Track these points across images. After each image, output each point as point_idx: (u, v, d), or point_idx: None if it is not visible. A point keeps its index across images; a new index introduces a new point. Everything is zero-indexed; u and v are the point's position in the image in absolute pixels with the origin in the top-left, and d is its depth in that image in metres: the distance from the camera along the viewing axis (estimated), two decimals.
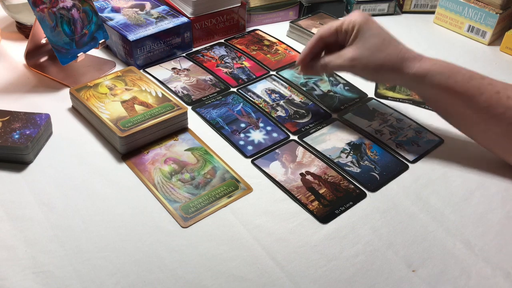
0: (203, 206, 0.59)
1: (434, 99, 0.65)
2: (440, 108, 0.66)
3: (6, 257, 0.52)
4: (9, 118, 0.66)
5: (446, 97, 0.63)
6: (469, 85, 0.61)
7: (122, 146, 0.65)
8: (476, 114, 0.62)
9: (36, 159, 0.64)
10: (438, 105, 0.66)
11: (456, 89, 0.61)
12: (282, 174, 0.64)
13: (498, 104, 0.60)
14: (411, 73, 0.63)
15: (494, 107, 0.60)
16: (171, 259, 0.53)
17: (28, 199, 0.59)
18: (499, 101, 0.60)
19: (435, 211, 0.60)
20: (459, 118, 0.65)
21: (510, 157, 0.64)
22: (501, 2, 0.91)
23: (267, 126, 0.72)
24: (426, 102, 0.67)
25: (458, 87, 0.61)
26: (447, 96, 0.62)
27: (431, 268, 0.53)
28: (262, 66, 0.85)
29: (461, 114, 0.63)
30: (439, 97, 0.64)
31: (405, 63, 0.63)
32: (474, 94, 0.60)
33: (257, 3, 0.96)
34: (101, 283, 0.50)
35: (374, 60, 0.64)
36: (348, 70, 0.67)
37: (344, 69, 0.67)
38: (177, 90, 0.78)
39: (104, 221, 0.57)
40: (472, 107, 0.61)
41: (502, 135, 0.61)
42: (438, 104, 0.65)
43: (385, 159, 0.67)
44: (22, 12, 0.87)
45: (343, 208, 0.60)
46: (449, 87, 0.61)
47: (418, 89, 0.65)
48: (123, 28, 0.82)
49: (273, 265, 0.53)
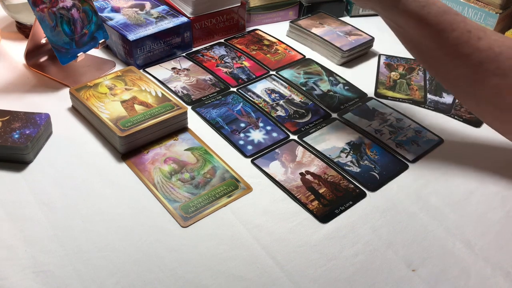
0: (203, 205, 0.59)
1: (405, 28, 0.62)
2: (409, 40, 0.64)
3: (6, 257, 0.52)
4: (9, 117, 0.66)
5: (417, 28, 0.60)
6: (442, 18, 0.59)
7: (122, 146, 0.65)
8: (443, 51, 0.60)
9: (36, 159, 0.64)
10: (407, 36, 0.63)
11: (428, 20, 0.59)
12: (282, 173, 0.64)
13: (468, 43, 0.58)
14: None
15: (462, 46, 0.58)
16: (171, 259, 0.53)
17: (28, 199, 0.59)
18: (469, 41, 0.58)
19: (435, 211, 0.60)
20: (426, 54, 0.63)
21: (471, 102, 0.62)
22: (501, 2, 0.91)
23: (267, 126, 0.72)
24: (396, 31, 0.65)
25: (431, 19, 0.59)
26: (418, 27, 0.60)
27: (431, 267, 0.53)
28: (262, 66, 0.85)
29: (429, 49, 0.61)
30: (410, 26, 0.61)
31: None
32: (446, 28, 0.59)
33: (257, 3, 0.96)
34: (101, 283, 0.50)
35: None
36: None
37: None
38: (177, 90, 0.79)
39: (104, 221, 0.57)
40: (441, 43, 0.59)
41: (465, 77, 0.60)
42: (408, 34, 0.63)
43: (385, 158, 0.67)
44: (22, 12, 0.87)
45: (342, 207, 0.60)
46: (422, 17, 0.59)
47: (389, 13, 0.62)
48: (123, 28, 0.82)
49: (272, 264, 0.53)
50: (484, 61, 0.57)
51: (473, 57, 0.58)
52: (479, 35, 0.58)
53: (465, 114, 0.76)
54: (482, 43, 0.57)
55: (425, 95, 0.80)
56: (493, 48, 0.57)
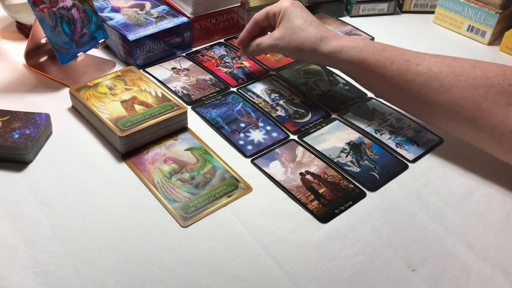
0: (203, 205, 0.59)
1: (352, 73, 0.70)
2: (359, 80, 0.71)
3: (6, 257, 0.52)
4: (9, 117, 0.66)
5: (361, 70, 0.67)
6: (381, 56, 0.65)
7: (122, 146, 0.65)
8: (390, 82, 0.65)
9: (36, 159, 0.64)
10: (357, 78, 0.70)
11: (368, 61, 0.65)
12: (281, 173, 0.64)
13: (408, 71, 0.63)
14: (327, 51, 0.67)
15: (404, 74, 0.63)
16: (171, 259, 0.53)
17: (28, 199, 0.59)
18: (409, 68, 0.63)
19: (435, 211, 0.60)
20: (377, 88, 0.70)
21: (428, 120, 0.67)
22: (501, 2, 0.91)
23: (267, 126, 0.72)
24: (351, 78, 0.72)
25: (370, 58, 0.65)
26: (362, 69, 0.66)
27: (431, 267, 0.53)
28: (262, 66, 0.85)
29: (378, 85, 0.68)
30: (355, 71, 0.68)
31: (323, 41, 0.68)
32: (385, 63, 0.64)
33: (257, 3, 0.96)
34: (101, 283, 0.50)
35: (296, 39, 0.69)
36: (276, 49, 0.73)
37: (273, 48, 0.73)
38: (177, 90, 0.79)
39: (104, 221, 0.57)
40: (385, 76, 0.65)
41: (415, 100, 0.64)
42: (357, 77, 0.70)
43: (385, 158, 0.67)
44: (22, 12, 0.87)
45: (342, 207, 0.60)
46: (362, 60, 0.66)
47: (335, 65, 0.70)
48: (123, 28, 0.82)
49: (272, 264, 0.53)
50: (427, 82, 0.62)
51: (416, 81, 0.63)
52: (417, 61, 0.63)
53: None
54: (421, 68, 0.63)
55: None
56: (432, 68, 0.62)
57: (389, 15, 1.04)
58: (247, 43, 0.77)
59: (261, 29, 0.77)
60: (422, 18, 1.04)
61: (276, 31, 0.72)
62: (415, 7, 1.05)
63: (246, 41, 0.77)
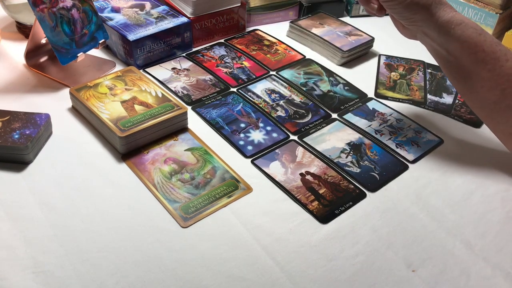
0: (203, 206, 0.59)
1: (458, 55, 0.62)
2: (459, 67, 0.63)
3: (6, 257, 0.52)
4: (9, 118, 0.66)
5: (471, 55, 0.60)
6: (497, 48, 0.59)
7: (122, 146, 0.65)
8: (496, 80, 0.59)
9: (36, 159, 0.64)
10: (459, 63, 0.62)
11: (484, 48, 0.60)
12: (282, 174, 0.64)
13: None
14: (445, 19, 0.61)
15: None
16: (171, 259, 0.53)
17: (28, 199, 0.59)
18: None
19: (435, 211, 0.60)
20: (475, 82, 0.61)
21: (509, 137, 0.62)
22: (501, 2, 0.91)
23: (267, 126, 0.72)
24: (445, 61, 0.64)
25: (487, 46, 0.59)
26: (474, 53, 0.60)
27: (431, 268, 0.53)
28: (262, 66, 0.85)
29: (480, 77, 0.61)
30: (464, 53, 0.61)
31: (442, 6, 0.62)
32: (501, 58, 0.59)
33: (257, 3, 0.96)
34: (101, 283, 0.50)
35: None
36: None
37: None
38: (177, 90, 0.79)
39: (104, 221, 0.57)
40: (495, 71, 0.59)
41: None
42: (460, 62, 0.62)
43: (385, 159, 0.67)
44: (22, 12, 0.87)
45: (343, 208, 0.60)
46: (478, 44, 0.60)
47: (445, 39, 0.62)
48: (123, 28, 0.82)
49: (273, 265, 0.53)
50: None
51: None
52: None
53: (465, 115, 0.76)
54: None
55: (425, 95, 0.80)
56: None
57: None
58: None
59: None
60: None
61: None
62: None
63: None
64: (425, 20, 0.63)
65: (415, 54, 0.89)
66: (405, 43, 0.73)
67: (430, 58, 0.88)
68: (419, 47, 0.70)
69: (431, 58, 0.88)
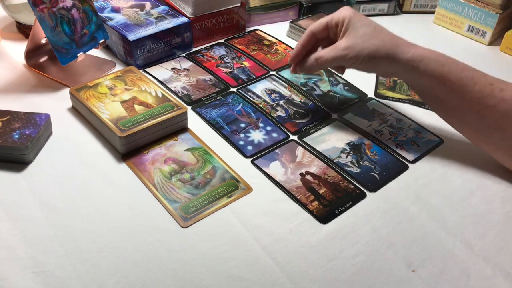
0: (203, 206, 0.59)
1: (427, 88, 0.64)
2: (432, 98, 0.65)
3: (6, 257, 0.52)
4: (9, 118, 0.66)
5: (439, 86, 0.62)
6: (463, 75, 0.61)
7: (122, 146, 0.65)
8: (469, 105, 0.61)
9: (36, 159, 0.64)
10: (431, 94, 0.65)
11: (450, 78, 0.61)
12: (282, 174, 0.64)
13: (491, 95, 0.59)
14: (406, 59, 0.62)
15: (487, 98, 0.60)
16: (171, 259, 0.53)
17: (28, 199, 0.59)
18: (492, 93, 0.59)
19: (435, 211, 0.60)
20: (451, 109, 0.64)
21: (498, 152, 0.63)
22: (501, 2, 0.91)
23: (267, 126, 0.72)
24: (418, 92, 0.67)
25: (452, 76, 0.61)
26: (441, 85, 0.62)
27: (431, 268, 0.53)
28: (262, 66, 0.85)
29: (454, 105, 0.63)
30: (433, 86, 0.63)
31: (400, 48, 0.63)
32: (468, 84, 0.60)
33: (257, 3, 0.96)
34: (101, 283, 0.50)
35: (368, 47, 0.63)
36: (341, 61, 0.66)
37: (338, 60, 0.66)
38: (177, 90, 0.79)
39: (104, 221, 0.57)
40: (465, 97, 0.61)
41: (493, 127, 0.61)
42: (431, 93, 0.64)
43: (385, 159, 0.67)
44: (22, 12, 0.87)
45: (343, 208, 0.60)
46: (444, 75, 0.61)
47: (411, 76, 0.64)
48: (123, 28, 0.82)
49: (273, 265, 0.53)
50: (511, 110, 0.59)
51: (498, 107, 0.59)
52: (501, 86, 0.60)
53: None
54: (505, 93, 0.59)
55: None
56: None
57: (389, 15, 1.04)
58: (300, 59, 0.69)
59: (316, 42, 0.70)
60: (422, 19, 1.04)
61: (341, 42, 0.65)
62: (415, 7, 1.05)
63: (301, 57, 0.69)
64: (387, 67, 0.65)
65: None
66: None
67: None
68: None
69: None
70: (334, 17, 0.67)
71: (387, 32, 0.65)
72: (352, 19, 0.65)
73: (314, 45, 0.70)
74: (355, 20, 0.65)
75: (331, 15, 0.67)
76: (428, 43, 0.94)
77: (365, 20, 0.65)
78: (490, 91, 0.60)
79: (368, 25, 0.65)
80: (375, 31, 0.64)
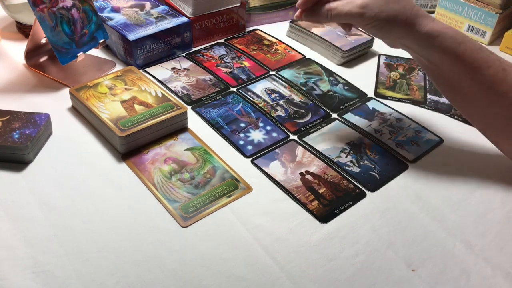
0: (203, 205, 0.59)
1: (439, 65, 0.61)
2: (443, 77, 0.62)
3: (6, 257, 0.52)
4: (9, 117, 0.66)
5: (453, 65, 0.60)
6: (478, 56, 0.58)
7: (122, 146, 0.65)
8: (479, 88, 0.59)
9: (36, 159, 0.64)
10: (442, 73, 0.62)
11: (464, 57, 0.59)
12: (281, 173, 0.64)
13: (503, 81, 0.58)
14: (424, 31, 0.59)
15: (498, 84, 0.58)
16: (171, 259, 0.53)
17: (28, 199, 0.59)
18: (505, 78, 0.58)
19: (435, 211, 0.60)
20: (460, 91, 0.62)
21: (504, 142, 0.62)
22: (501, 2, 0.91)
23: (267, 126, 0.72)
24: (428, 70, 0.63)
25: (467, 56, 0.59)
26: (454, 64, 0.59)
27: (431, 268, 0.53)
28: (262, 66, 0.85)
29: (464, 86, 0.61)
30: (445, 64, 0.60)
31: (419, 19, 0.60)
32: (481, 66, 0.58)
33: (257, 3, 0.96)
34: (101, 283, 0.50)
35: (388, 10, 0.59)
36: (355, 19, 0.61)
37: (351, 17, 0.60)
38: (177, 90, 0.79)
39: (104, 221, 0.57)
40: (477, 80, 0.59)
41: (500, 115, 0.60)
42: (442, 72, 0.62)
43: (384, 159, 0.67)
44: (22, 12, 0.87)
45: (342, 207, 0.60)
46: (459, 54, 0.59)
47: (425, 51, 0.61)
48: (123, 28, 0.82)
49: (273, 264, 0.53)
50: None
51: (509, 95, 0.58)
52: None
53: None
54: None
55: (425, 95, 0.80)
56: None
57: None
58: (311, 5, 0.63)
59: None
60: None
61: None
62: None
63: (312, 2, 0.62)
64: (402, 37, 0.62)
65: None
66: None
67: None
68: None
69: None
70: None
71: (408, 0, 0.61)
72: None
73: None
74: None
75: None
76: None
77: None
78: (503, 77, 0.58)
79: None
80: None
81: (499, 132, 0.62)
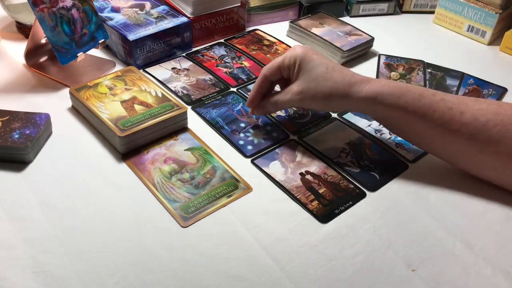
0: (203, 205, 0.59)
1: (388, 120, 0.63)
2: (396, 128, 0.65)
3: (6, 257, 0.52)
4: (8, 118, 0.66)
5: (399, 117, 0.61)
6: (420, 103, 0.59)
7: (122, 146, 0.65)
8: (432, 131, 0.60)
9: (36, 159, 0.64)
10: (393, 125, 0.64)
11: (407, 109, 0.60)
12: (281, 173, 0.64)
13: (452, 120, 0.59)
14: (361, 97, 0.61)
15: (448, 124, 0.59)
16: (171, 259, 0.53)
17: (28, 199, 0.59)
18: (453, 118, 0.58)
19: (435, 211, 0.60)
20: (416, 136, 0.63)
21: (472, 171, 0.63)
22: (501, 2, 0.91)
23: (267, 126, 0.72)
24: (382, 122, 0.65)
25: (410, 107, 0.60)
26: (401, 116, 0.61)
27: (431, 268, 0.53)
28: (262, 66, 0.85)
29: (417, 133, 0.62)
30: (393, 118, 0.62)
31: (354, 87, 0.62)
32: (426, 112, 0.59)
33: (257, 3, 0.96)
34: (101, 283, 0.50)
35: (322, 89, 0.62)
36: (298, 104, 0.66)
37: (294, 103, 0.66)
38: (177, 90, 0.79)
39: (104, 221, 0.57)
40: (428, 125, 0.60)
41: (460, 150, 0.60)
42: (393, 124, 0.64)
43: (384, 158, 0.67)
44: (22, 12, 0.87)
45: (342, 207, 0.60)
46: (401, 107, 0.60)
47: (370, 112, 0.64)
48: (123, 28, 0.82)
49: (273, 264, 0.53)
50: (473, 133, 0.58)
51: (461, 132, 0.59)
52: (460, 109, 0.59)
53: None
54: (466, 117, 0.58)
55: None
56: (478, 118, 0.58)
57: (389, 15, 1.04)
58: (258, 102, 0.69)
59: (271, 84, 0.69)
60: (422, 18, 1.04)
61: (294, 85, 0.64)
62: (415, 7, 1.05)
63: (258, 100, 0.69)
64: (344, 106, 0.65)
65: (415, 54, 0.89)
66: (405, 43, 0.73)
67: (430, 58, 0.88)
68: (419, 47, 0.70)
69: (431, 58, 0.88)
70: (285, 59, 0.65)
71: (340, 70, 0.63)
72: (304, 60, 0.63)
73: (270, 87, 0.69)
74: (307, 60, 0.63)
75: (283, 56, 0.65)
76: (428, 43, 0.95)
77: (317, 59, 0.64)
78: (450, 117, 0.59)
79: (320, 65, 0.63)
80: (327, 71, 0.62)
81: (468, 163, 0.62)
